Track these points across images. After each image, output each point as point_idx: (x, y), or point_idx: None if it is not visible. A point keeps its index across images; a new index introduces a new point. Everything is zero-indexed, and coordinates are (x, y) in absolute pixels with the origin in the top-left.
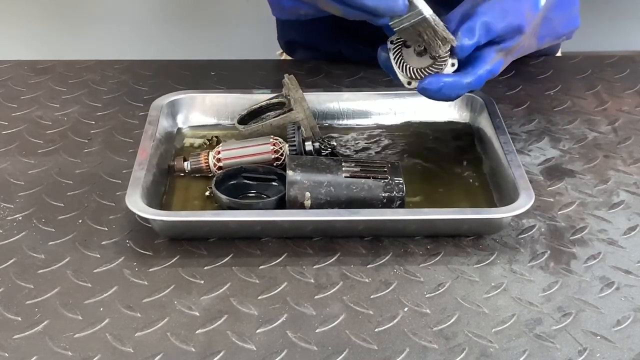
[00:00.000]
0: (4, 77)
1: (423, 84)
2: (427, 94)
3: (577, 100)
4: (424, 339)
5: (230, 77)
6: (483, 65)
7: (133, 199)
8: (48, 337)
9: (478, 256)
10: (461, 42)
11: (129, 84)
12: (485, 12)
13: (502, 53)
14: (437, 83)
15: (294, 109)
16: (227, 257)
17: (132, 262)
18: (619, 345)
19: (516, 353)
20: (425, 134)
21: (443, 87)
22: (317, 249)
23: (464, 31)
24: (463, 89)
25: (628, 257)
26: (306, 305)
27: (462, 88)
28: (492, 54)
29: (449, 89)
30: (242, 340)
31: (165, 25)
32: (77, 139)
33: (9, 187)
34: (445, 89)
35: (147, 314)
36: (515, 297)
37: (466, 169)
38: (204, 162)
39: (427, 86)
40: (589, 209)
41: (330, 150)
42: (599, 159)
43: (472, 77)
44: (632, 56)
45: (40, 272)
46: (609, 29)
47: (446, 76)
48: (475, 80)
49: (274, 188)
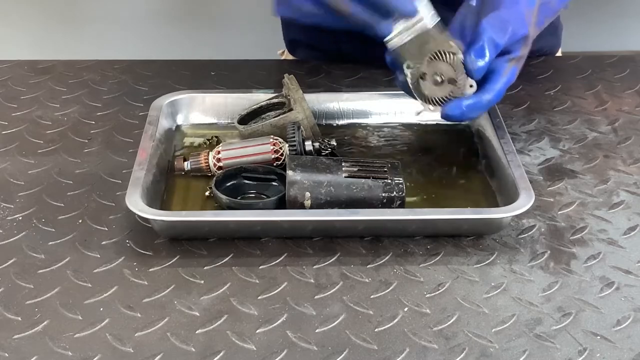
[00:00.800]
0: (4, 77)
1: (445, 111)
2: (450, 120)
3: (577, 100)
4: (424, 339)
5: (230, 77)
6: (499, 78)
7: (133, 199)
8: (48, 337)
9: (478, 256)
10: (475, 64)
11: (129, 84)
12: (488, 28)
13: (514, 61)
14: (459, 108)
15: (294, 109)
16: (227, 257)
17: (132, 262)
18: (619, 345)
19: (516, 353)
20: (426, 133)
21: (465, 112)
22: (317, 249)
23: (474, 53)
24: (485, 107)
25: (628, 257)
26: (306, 305)
27: (483, 107)
28: (505, 65)
29: (471, 111)
30: (242, 340)
31: (166, 25)
32: (77, 139)
33: (9, 187)
34: (467, 112)
35: (147, 314)
36: (515, 297)
37: (466, 169)
38: (204, 162)
39: (450, 112)
40: (589, 209)
41: (330, 150)
42: (599, 159)
43: (491, 93)
44: (632, 56)
45: (40, 272)
46: (609, 29)
47: (466, 99)
48: (495, 96)
49: (274, 188)
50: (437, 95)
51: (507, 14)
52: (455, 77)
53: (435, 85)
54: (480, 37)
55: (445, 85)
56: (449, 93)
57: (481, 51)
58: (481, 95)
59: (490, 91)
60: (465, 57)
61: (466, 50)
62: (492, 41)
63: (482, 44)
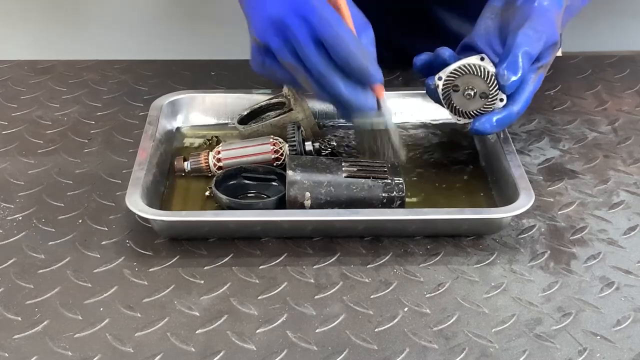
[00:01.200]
0: (4, 77)
1: (476, 126)
2: (481, 134)
3: (577, 100)
4: (424, 339)
5: (230, 77)
6: (527, 87)
7: (133, 199)
8: (48, 337)
9: (478, 256)
10: (508, 80)
11: (129, 84)
12: (522, 41)
13: (542, 68)
14: (490, 122)
15: (294, 109)
16: (227, 257)
17: (132, 262)
18: (619, 345)
19: (516, 353)
20: (425, 133)
21: (495, 126)
22: (317, 249)
23: (508, 68)
24: (514, 118)
25: (628, 257)
26: (306, 305)
27: (513, 118)
28: (532, 74)
29: (501, 125)
30: (242, 340)
31: (165, 25)
32: (77, 139)
33: (9, 187)
34: (497, 127)
35: (147, 314)
36: (515, 297)
37: (466, 169)
38: (204, 162)
39: (481, 128)
40: (589, 209)
41: (330, 150)
42: (599, 159)
43: (520, 104)
44: (632, 56)
45: (40, 272)
46: (609, 29)
47: (496, 113)
48: (523, 105)
49: (274, 188)
50: (468, 109)
51: (540, 23)
52: (487, 92)
53: (467, 99)
54: (514, 51)
55: (476, 99)
56: (481, 107)
57: (514, 67)
58: (511, 107)
59: (518, 102)
60: (498, 72)
61: (499, 65)
62: (526, 55)
63: (516, 59)
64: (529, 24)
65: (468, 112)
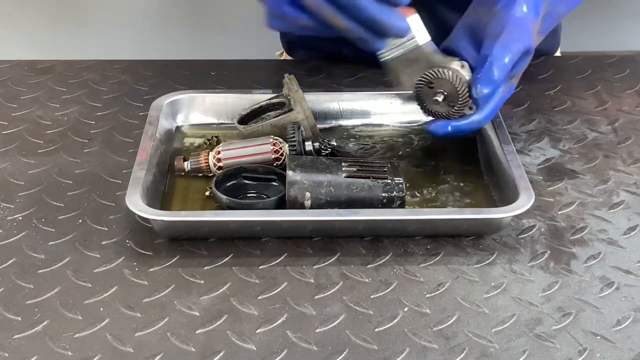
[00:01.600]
0: (4, 77)
1: (430, 127)
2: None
3: (577, 100)
4: (424, 339)
5: (230, 77)
6: (495, 97)
7: (133, 199)
8: (48, 337)
9: (478, 256)
10: (480, 94)
11: (129, 84)
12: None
13: (515, 78)
14: (444, 128)
15: (294, 109)
16: (227, 257)
17: (132, 262)
18: (619, 345)
19: (516, 353)
20: (426, 133)
21: (450, 132)
22: (317, 249)
23: (482, 82)
24: (474, 127)
25: (628, 257)
26: (306, 305)
27: (473, 127)
28: (504, 85)
29: (457, 131)
30: (242, 340)
31: (165, 25)
32: (77, 139)
33: (9, 187)
34: (452, 132)
35: (147, 314)
36: (515, 297)
37: (466, 169)
38: (204, 162)
39: (434, 130)
40: (589, 209)
41: (330, 150)
42: (599, 159)
43: (484, 113)
44: (632, 56)
45: (40, 272)
46: (609, 29)
47: (456, 120)
48: (488, 115)
49: (274, 188)
50: (437, 110)
51: (515, 32)
52: (457, 101)
53: (437, 102)
54: (488, 64)
55: (445, 103)
56: (449, 112)
57: (488, 81)
58: (474, 116)
59: (484, 111)
60: (472, 83)
61: (474, 75)
62: (502, 68)
63: (491, 73)
64: (506, 34)
65: (436, 112)
